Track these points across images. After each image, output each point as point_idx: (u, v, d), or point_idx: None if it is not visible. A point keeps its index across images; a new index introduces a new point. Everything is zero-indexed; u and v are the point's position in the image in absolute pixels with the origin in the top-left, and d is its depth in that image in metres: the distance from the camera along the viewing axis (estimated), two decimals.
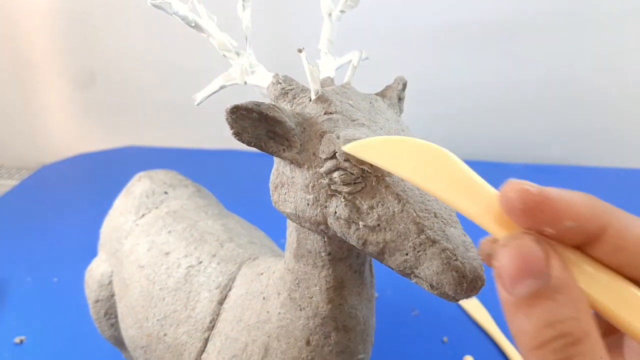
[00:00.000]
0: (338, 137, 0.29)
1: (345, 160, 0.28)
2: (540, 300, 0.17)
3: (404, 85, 0.37)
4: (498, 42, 0.99)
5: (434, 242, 0.26)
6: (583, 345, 0.16)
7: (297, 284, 0.35)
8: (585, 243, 0.18)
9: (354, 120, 0.30)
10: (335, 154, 0.28)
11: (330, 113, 0.30)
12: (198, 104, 0.36)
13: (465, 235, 0.28)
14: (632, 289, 0.18)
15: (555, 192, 0.18)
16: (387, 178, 0.28)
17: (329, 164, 0.29)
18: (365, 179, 0.28)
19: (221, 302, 0.41)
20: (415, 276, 0.27)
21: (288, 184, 0.31)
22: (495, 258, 0.18)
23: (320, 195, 0.29)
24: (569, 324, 0.17)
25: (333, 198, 0.29)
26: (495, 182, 0.21)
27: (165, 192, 0.54)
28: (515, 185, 0.18)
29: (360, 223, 0.28)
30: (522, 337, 0.17)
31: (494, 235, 0.19)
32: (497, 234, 0.19)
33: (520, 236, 0.18)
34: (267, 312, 0.37)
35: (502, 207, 0.18)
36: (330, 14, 0.37)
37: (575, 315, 0.17)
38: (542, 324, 0.17)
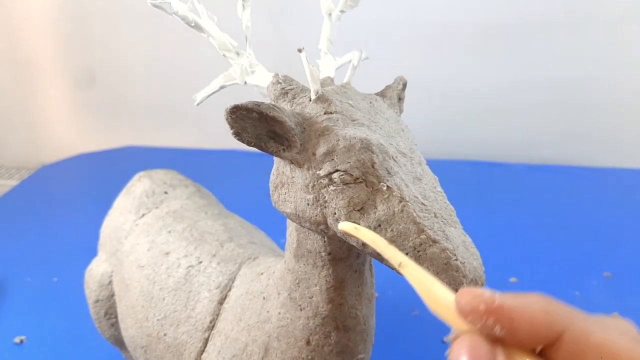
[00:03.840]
0: (338, 139, 0.29)
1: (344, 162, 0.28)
2: None
3: (404, 85, 0.37)
4: (498, 44, 0.99)
5: (434, 242, 0.26)
6: None
7: (297, 283, 0.35)
8: (545, 348, 0.19)
9: (354, 120, 0.30)
10: (334, 155, 0.28)
11: (330, 113, 0.30)
12: (198, 104, 0.36)
13: (465, 235, 0.28)
14: None
15: (509, 299, 0.19)
16: (388, 178, 0.28)
17: (328, 166, 0.29)
18: (366, 179, 0.28)
19: (221, 302, 0.41)
20: None
21: (288, 184, 0.31)
22: (450, 351, 0.19)
23: (320, 195, 0.29)
24: None
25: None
26: (496, 182, 0.21)
27: (165, 192, 0.54)
28: (466, 294, 0.20)
29: (361, 223, 0.28)
30: None
31: (455, 329, 0.21)
32: (457, 329, 0.21)
33: (472, 334, 0.19)
34: (267, 312, 0.37)
35: (457, 311, 0.20)
36: (330, 14, 0.37)
37: None
38: None
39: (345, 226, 0.27)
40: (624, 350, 0.18)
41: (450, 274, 0.26)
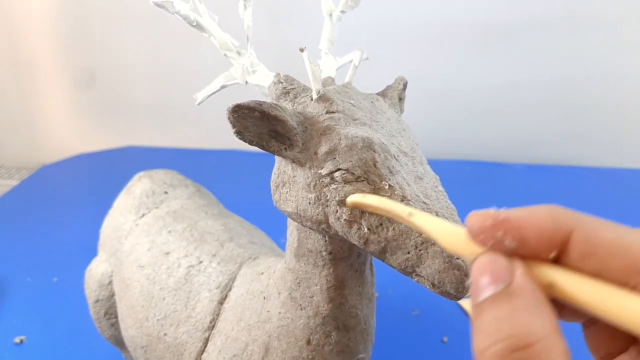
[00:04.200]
0: (339, 138, 0.29)
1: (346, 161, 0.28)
2: (497, 304, 0.17)
3: (405, 86, 0.37)
4: (498, 44, 1.00)
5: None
6: (533, 349, 0.16)
7: (298, 283, 0.35)
8: (558, 255, 0.19)
9: (356, 120, 0.30)
10: (335, 154, 0.28)
11: (332, 112, 0.30)
12: (199, 104, 0.36)
13: None
14: (605, 286, 0.17)
15: (515, 211, 0.19)
16: (390, 177, 0.28)
17: (330, 165, 0.29)
18: (368, 178, 0.28)
19: (221, 302, 0.41)
20: (416, 275, 0.27)
21: (289, 183, 0.31)
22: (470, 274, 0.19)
23: (322, 194, 0.29)
24: (520, 328, 0.17)
25: None
26: (496, 182, 0.21)
27: (166, 192, 0.54)
28: (474, 215, 0.20)
29: (362, 222, 0.28)
30: (474, 340, 0.17)
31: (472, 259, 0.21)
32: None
33: (488, 252, 0.19)
34: (268, 311, 0.37)
35: (469, 236, 0.20)
36: (330, 14, 0.37)
37: (529, 320, 0.17)
38: (492, 328, 0.17)
39: (353, 198, 0.27)
40: (636, 243, 0.17)
41: (451, 272, 0.26)
